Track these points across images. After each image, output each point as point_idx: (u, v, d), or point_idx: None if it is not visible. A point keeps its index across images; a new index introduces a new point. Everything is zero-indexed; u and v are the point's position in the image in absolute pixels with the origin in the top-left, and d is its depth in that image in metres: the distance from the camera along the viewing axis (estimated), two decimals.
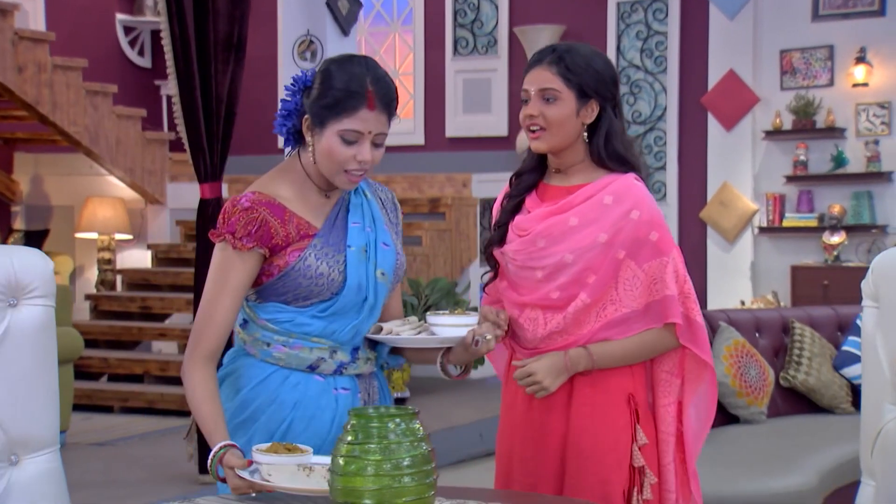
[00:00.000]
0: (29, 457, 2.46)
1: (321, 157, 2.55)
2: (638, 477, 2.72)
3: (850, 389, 5.62)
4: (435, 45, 9.53)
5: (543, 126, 2.73)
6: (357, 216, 2.65)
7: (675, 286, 2.70)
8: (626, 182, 2.74)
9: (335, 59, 2.62)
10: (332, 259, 2.58)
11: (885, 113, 8.06)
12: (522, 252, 2.76)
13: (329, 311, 2.58)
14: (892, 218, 8.03)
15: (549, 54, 2.76)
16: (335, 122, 2.51)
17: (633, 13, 8.82)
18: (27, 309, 2.46)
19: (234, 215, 2.55)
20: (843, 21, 8.16)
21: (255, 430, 2.59)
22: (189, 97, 5.22)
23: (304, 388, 2.60)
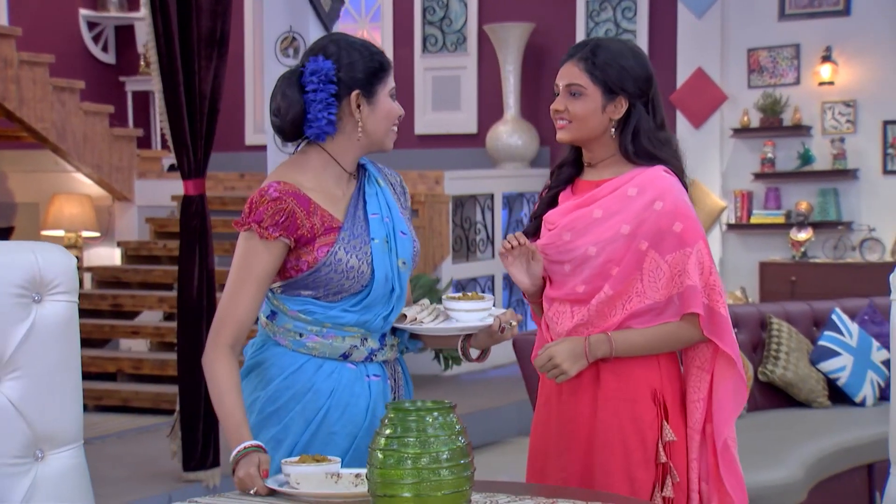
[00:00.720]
0: (54, 452, 2.47)
1: (381, 121, 2.64)
2: (662, 474, 2.74)
3: (827, 384, 5.71)
4: (404, 42, 9.55)
5: (569, 119, 2.77)
6: (374, 206, 2.69)
7: (697, 277, 2.70)
8: (652, 174, 2.76)
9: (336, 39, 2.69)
10: (359, 251, 2.61)
11: (851, 111, 8.18)
12: (551, 246, 2.79)
13: (362, 304, 2.62)
14: (857, 214, 8.16)
15: (581, 50, 2.79)
16: (383, 85, 2.65)
17: (602, 11, 8.89)
18: (51, 305, 2.46)
19: (262, 205, 2.57)
20: (809, 20, 8.28)
21: (291, 420, 2.62)
22: (173, 93, 5.19)
23: (339, 377, 2.63)
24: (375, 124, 2.64)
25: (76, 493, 2.48)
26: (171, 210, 9.00)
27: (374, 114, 2.64)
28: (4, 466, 2.39)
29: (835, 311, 5.88)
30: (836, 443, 5.08)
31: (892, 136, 8.10)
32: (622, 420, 2.75)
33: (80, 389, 2.51)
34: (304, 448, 2.60)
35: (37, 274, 2.44)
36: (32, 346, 2.42)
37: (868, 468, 5.28)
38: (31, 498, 2.41)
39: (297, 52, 5.51)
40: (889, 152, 8.10)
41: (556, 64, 9.62)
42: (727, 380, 2.79)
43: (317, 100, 2.60)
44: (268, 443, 2.61)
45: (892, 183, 8.08)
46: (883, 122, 8.10)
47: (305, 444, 2.61)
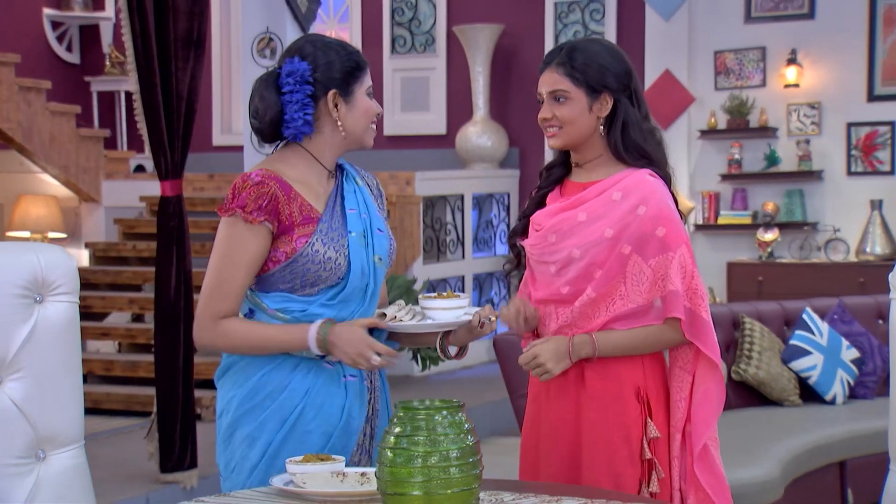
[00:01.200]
0: (55, 452, 2.48)
1: (358, 120, 2.69)
2: (647, 471, 2.78)
3: (798, 382, 5.79)
4: (372, 43, 9.55)
5: (558, 125, 2.81)
6: (352, 202, 2.73)
7: (679, 281, 2.75)
8: (637, 177, 2.79)
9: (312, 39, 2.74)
10: (337, 244, 2.64)
11: (816, 113, 8.28)
12: (537, 247, 2.84)
13: (338, 297, 2.65)
14: (822, 215, 8.26)
15: (557, 55, 2.83)
16: (359, 83, 2.70)
17: (571, 13, 8.95)
18: (53, 305, 2.48)
19: (245, 190, 2.60)
20: (775, 23, 8.37)
21: (266, 418, 2.63)
22: (150, 94, 5.18)
23: (315, 376, 2.65)
24: (354, 123, 2.70)
25: (78, 493, 2.49)
26: (139, 211, 8.96)
27: (352, 112, 2.69)
28: (8, 467, 2.40)
29: (805, 311, 5.96)
30: (809, 441, 5.16)
31: (855, 138, 8.20)
32: (607, 418, 2.79)
33: (80, 390, 2.52)
34: (278, 446, 2.62)
35: (39, 275, 2.45)
36: (35, 347, 2.44)
37: (840, 465, 5.36)
38: (34, 498, 2.42)
39: (275, 52, 5.52)
40: (853, 154, 8.21)
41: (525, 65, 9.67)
42: (708, 382, 2.83)
43: (293, 101, 2.65)
44: (243, 440, 2.64)
45: (856, 184, 8.19)
46: (847, 123, 8.20)
47: (280, 442, 2.63)
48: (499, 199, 8.94)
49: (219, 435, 2.70)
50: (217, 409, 2.71)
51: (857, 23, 8.15)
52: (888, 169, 8.10)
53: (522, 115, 9.08)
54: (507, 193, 8.96)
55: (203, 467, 5.41)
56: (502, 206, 8.97)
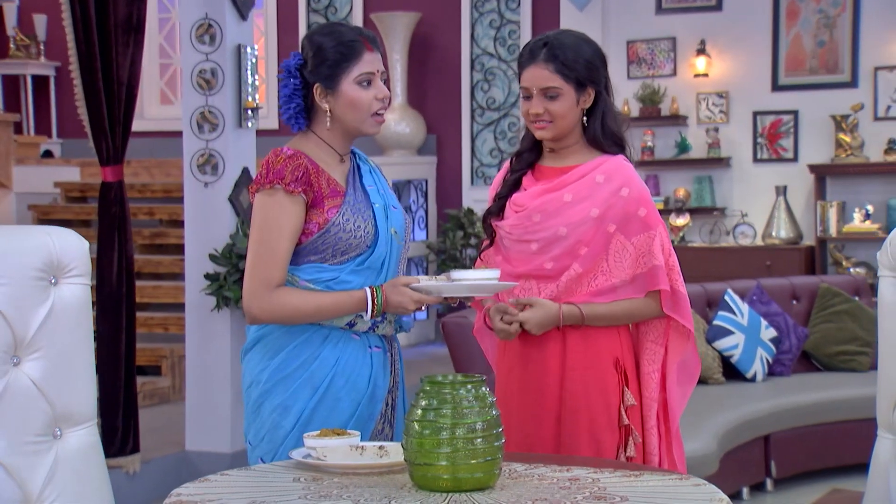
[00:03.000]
0: (71, 430, 2.52)
1: (346, 111, 2.77)
2: (624, 436, 2.96)
3: (721, 361, 6.04)
4: (288, 30, 9.56)
5: (550, 119, 2.94)
6: (370, 180, 2.88)
7: (661, 257, 2.93)
8: (616, 162, 2.98)
9: (313, 31, 2.85)
10: (364, 214, 2.78)
11: (724, 102, 8.56)
12: (519, 226, 2.98)
13: (366, 263, 2.77)
14: (730, 201, 8.55)
15: (542, 50, 2.95)
16: (346, 74, 2.76)
17: (487, 2, 9.08)
18: (67, 287, 2.52)
19: (280, 163, 2.71)
20: (685, 14, 8.63)
21: (299, 387, 2.74)
22: (90, 80, 5.16)
23: (344, 346, 2.77)
24: (342, 114, 2.79)
25: (93, 470, 2.54)
26: (53, 197, 8.84)
27: (339, 104, 2.78)
28: (28, 444, 2.44)
29: (727, 293, 6.21)
30: (736, 417, 5.39)
31: (761, 126, 8.51)
32: (588, 387, 2.95)
33: (93, 369, 2.57)
34: (311, 413, 2.73)
35: (54, 257, 2.49)
36: (51, 328, 2.48)
37: (765, 439, 5.62)
38: (54, 475, 2.47)
39: (213, 38, 5.53)
40: (759, 142, 8.51)
41: (442, 53, 9.77)
42: (684, 353, 3.03)
43: (281, 94, 2.82)
44: (274, 410, 2.74)
45: (762, 171, 8.50)
46: (753, 112, 8.50)
47: (312, 409, 2.74)
48: (417, 186, 9.05)
49: (247, 406, 2.78)
50: (245, 382, 2.79)
51: (762, 15, 8.44)
52: (792, 156, 8.42)
53: (440, 102, 9.20)
54: (425, 180, 9.08)
55: (145, 452, 5.43)
56: (420, 193, 9.08)
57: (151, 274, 7.82)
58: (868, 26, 8.16)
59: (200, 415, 5.66)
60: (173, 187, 8.39)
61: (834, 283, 6.69)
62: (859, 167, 8.04)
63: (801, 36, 8.39)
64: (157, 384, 6.82)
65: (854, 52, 8.19)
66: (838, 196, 8.20)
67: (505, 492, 2.22)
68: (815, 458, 5.82)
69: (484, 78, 9.09)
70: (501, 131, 9.07)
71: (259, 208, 2.74)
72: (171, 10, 10.22)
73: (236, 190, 5.60)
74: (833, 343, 6.39)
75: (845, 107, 8.11)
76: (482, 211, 8.38)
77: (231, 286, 5.46)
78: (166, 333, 7.26)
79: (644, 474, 2.36)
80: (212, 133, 5.56)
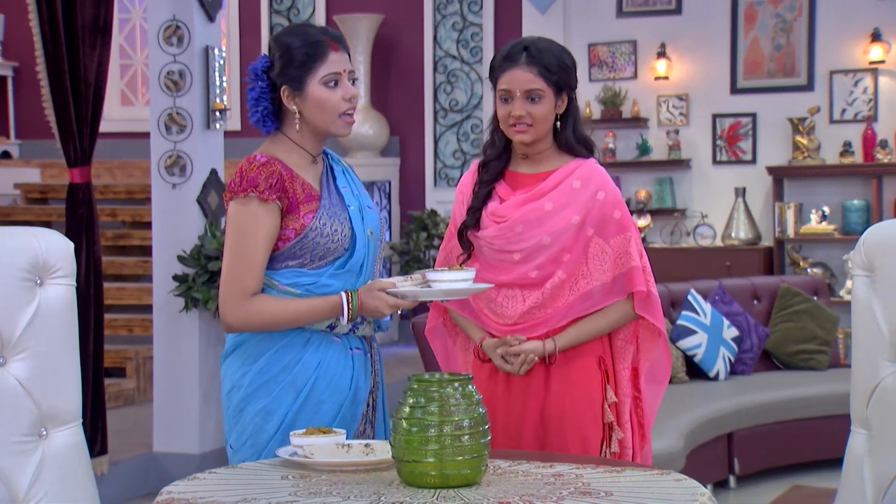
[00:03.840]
0: (57, 430, 2.54)
1: (314, 113, 2.78)
2: (607, 431, 3.01)
3: (685, 360, 6.12)
4: (250, 31, 9.56)
5: (531, 123, 2.97)
6: (343, 182, 2.88)
7: (638, 259, 2.99)
8: (590, 166, 3.02)
9: (279, 33, 2.86)
10: (340, 217, 2.79)
11: (684, 104, 8.66)
12: (500, 237, 3.00)
13: (346, 266, 2.78)
14: (690, 202, 8.65)
15: (522, 54, 2.99)
16: (312, 75, 2.76)
17: (449, 4, 9.13)
18: (53, 288, 2.54)
19: (254, 171, 2.72)
20: (645, 18, 8.71)
21: (282, 390, 2.75)
22: (58, 81, 5.15)
23: (326, 349, 2.79)
24: (311, 115, 2.80)
25: (78, 469, 2.56)
26: (13, 198, 8.79)
27: (306, 106, 2.79)
28: (14, 444, 2.45)
29: (690, 293, 6.30)
30: (700, 415, 5.47)
31: (720, 128, 8.61)
32: (573, 386, 3.00)
33: (78, 369, 2.58)
34: (294, 416, 2.74)
35: (40, 258, 2.51)
36: (37, 328, 2.50)
37: (728, 437, 5.70)
38: (40, 475, 2.48)
39: (181, 40, 5.53)
40: (718, 144, 8.61)
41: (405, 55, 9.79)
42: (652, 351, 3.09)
43: (250, 97, 2.82)
44: (257, 414, 2.75)
45: (721, 172, 8.60)
46: (712, 115, 8.60)
47: (295, 413, 2.75)
48: (380, 187, 9.08)
49: (228, 410, 2.79)
50: (225, 387, 2.80)
51: (720, 19, 8.55)
52: (750, 158, 8.53)
53: (403, 104, 9.23)
54: (388, 181, 9.11)
55: (112, 454, 5.43)
56: (384, 194, 9.10)
57: (115, 276, 7.80)
58: (823, 31, 8.29)
59: (168, 416, 5.66)
60: (136, 188, 8.37)
61: (794, 283, 6.80)
62: (816, 169, 8.16)
63: (758, 39, 8.50)
64: (123, 386, 6.81)
65: (810, 56, 8.32)
66: (795, 197, 8.32)
67: (492, 487, 2.26)
68: (777, 455, 5.92)
69: (447, 80, 9.14)
70: (464, 133, 9.12)
71: (233, 217, 2.74)
72: (131, 10, 10.18)
73: (204, 191, 5.61)
74: (793, 342, 6.49)
75: (802, 110, 8.23)
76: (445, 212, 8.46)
77: (199, 287, 5.46)
78: (131, 335, 7.24)
79: (626, 470, 2.42)
80: (180, 134, 5.56)
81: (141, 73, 10.10)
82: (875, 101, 8.12)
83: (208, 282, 5.46)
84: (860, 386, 2.45)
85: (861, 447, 2.46)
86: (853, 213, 8.03)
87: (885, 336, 2.40)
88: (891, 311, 2.38)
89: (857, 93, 8.19)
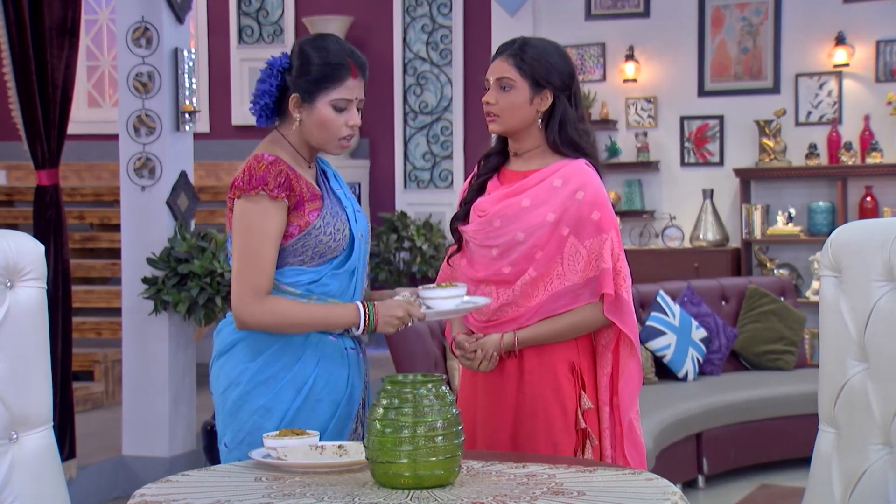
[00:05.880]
0: (28, 433, 2.53)
1: (314, 129, 2.80)
2: (581, 439, 3.00)
3: (654, 361, 6.16)
4: (218, 32, 9.53)
5: (498, 112, 2.99)
6: (336, 185, 2.91)
7: (610, 262, 2.99)
8: (575, 166, 3.00)
9: (307, 40, 2.87)
10: (339, 218, 2.81)
11: (652, 107, 8.71)
12: (480, 232, 3.02)
13: (344, 266, 2.80)
14: (658, 203, 8.70)
15: (510, 47, 3.02)
16: (325, 94, 2.79)
17: (419, 7, 9.14)
18: (23, 290, 2.53)
19: (262, 169, 2.72)
20: (613, 21, 8.75)
21: (281, 388, 2.75)
22: (25, 83, 5.12)
23: (323, 347, 2.80)
24: (310, 129, 2.81)
25: (49, 472, 2.55)
26: None
27: (310, 119, 2.80)
28: None
29: (659, 294, 6.33)
30: (669, 415, 5.51)
31: (688, 130, 8.66)
32: (545, 390, 3.00)
33: (49, 372, 2.57)
34: (294, 415, 2.75)
35: (10, 261, 2.50)
36: (8, 331, 2.49)
37: (697, 437, 5.74)
38: (10, 478, 2.47)
39: (150, 42, 5.51)
40: (686, 146, 8.66)
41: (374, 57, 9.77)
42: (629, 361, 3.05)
43: (259, 88, 2.83)
44: (255, 412, 2.75)
45: (689, 174, 8.65)
46: (680, 117, 8.65)
47: (296, 410, 2.76)
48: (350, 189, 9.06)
49: (223, 409, 2.78)
50: (221, 385, 2.79)
51: (688, 22, 8.60)
52: (718, 160, 8.58)
53: (372, 106, 9.19)
54: (357, 183, 9.10)
55: (81, 458, 5.40)
56: None
57: (83, 278, 7.75)
58: (789, 34, 8.35)
59: (138, 419, 5.64)
60: (104, 191, 8.32)
61: (761, 284, 6.85)
62: (782, 171, 8.22)
63: (725, 43, 8.56)
64: (91, 389, 6.77)
65: (776, 59, 8.39)
66: (762, 199, 8.38)
67: (465, 488, 2.27)
68: (745, 454, 5.97)
69: (416, 82, 9.15)
70: (434, 135, 9.13)
71: (242, 214, 2.74)
72: (98, 11, 10.12)
73: (174, 193, 5.59)
74: (761, 342, 6.55)
75: (769, 112, 8.30)
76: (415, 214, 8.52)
77: (169, 290, 5.44)
78: (99, 338, 7.20)
79: (598, 469, 2.43)
80: (149, 136, 5.55)
81: (108, 74, 10.04)
82: (839, 103, 8.20)
83: (178, 284, 5.44)
84: (828, 385, 2.47)
85: (829, 446, 2.49)
86: (819, 214, 8.10)
87: (852, 335, 2.42)
88: (858, 311, 2.41)
89: (822, 95, 8.26)
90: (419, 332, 4.76)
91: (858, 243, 2.41)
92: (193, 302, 5.41)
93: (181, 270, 5.42)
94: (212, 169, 8.67)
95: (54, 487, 2.55)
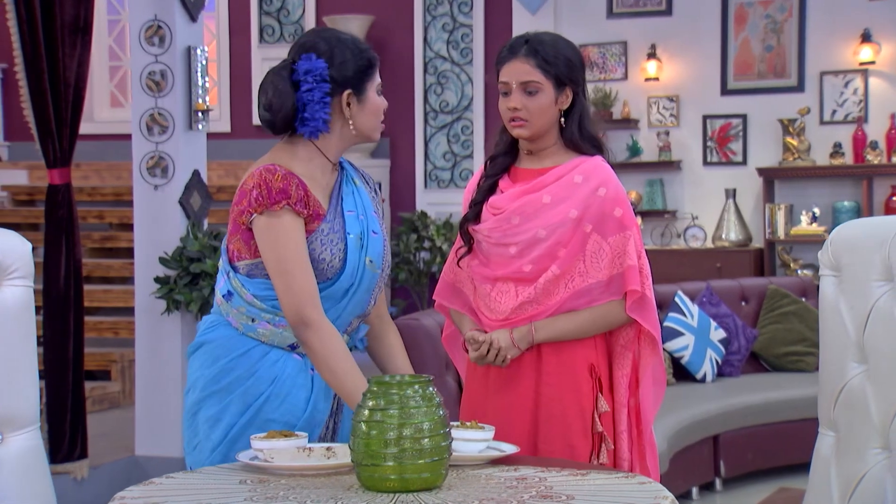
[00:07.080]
0: (13, 434, 2.50)
1: (370, 117, 2.75)
2: (597, 442, 2.93)
3: (672, 362, 6.08)
4: (239, 31, 9.53)
5: (526, 118, 2.90)
6: (350, 204, 2.75)
7: (635, 258, 2.91)
8: (594, 163, 2.94)
9: (319, 39, 2.74)
10: (335, 246, 2.69)
11: (674, 106, 8.63)
12: (497, 230, 2.94)
13: (324, 293, 2.68)
14: (681, 204, 8.62)
15: (523, 46, 2.92)
16: (371, 81, 2.74)
17: (440, 6, 9.10)
18: (10, 289, 2.50)
19: (280, 182, 2.61)
20: (635, 19, 8.68)
21: (231, 402, 2.67)
22: (37, 81, 5.12)
23: (283, 366, 2.69)
24: (364, 121, 2.74)
25: (36, 473, 2.52)
26: (1, 200, 8.75)
27: (363, 111, 2.73)
28: None
29: (678, 294, 6.26)
30: (686, 417, 5.44)
31: (710, 129, 8.58)
32: (563, 392, 2.93)
33: (36, 372, 2.54)
34: (240, 430, 2.65)
35: None
36: None
37: (714, 439, 5.67)
38: None
39: (163, 40, 5.50)
40: (709, 145, 8.58)
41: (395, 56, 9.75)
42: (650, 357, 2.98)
43: (314, 100, 2.66)
44: (206, 420, 2.68)
45: (712, 174, 8.57)
46: (703, 116, 8.57)
47: (242, 426, 2.66)
48: None
49: (185, 410, 2.74)
50: (187, 385, 2.75)
51: (710, 20, 8.52)
52: (741, 159, 8.50)
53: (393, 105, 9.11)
54: (378, 183, 9.02)
55: (93, 458, 5.39)
56: None
57: (101, 278, 7.76)
58: (813, 32, 8.26)
59: (150, 419, 5.63)
60: (123, 190, 8.33)
61: (782, 284, 6.76)
62: (806, 170, 8.12)
63: (749, 41, 8.47)
64: (107, 389, 6.77)
65: (801, 57, 8.29)
66: (786, 199, 8.28)
67: (452, 492, 2.22)
68: (764, 457, 5.88)
69: (437, 81, 9.11)
70: (455, 134, 9.09)
71: (267, 230, 2.62)
72: (120, 11, 10.14)
73: (187, 192, 5.57)
74: (781, 344, 6.45)
75: (792, 111, 8.20)
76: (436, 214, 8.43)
77: (182, 289, 5.42)
78: (116, 338, 7.20)
79: (590, 473, 2.37)
80: (162, 135, 5.53)
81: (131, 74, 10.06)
82: (865, 102, 8.09)
83: (190, 284, 5.42)
84: (827, 387, 2.41)
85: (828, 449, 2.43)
86: (843, 214, 7.99)
87: (851, 337, 2.36)
88: (857, 312, 2.34)
89: (848, 94, 8.15)
90: (429, 333, 4.71)
91: (858, 242, 2.35)
92: (205, 301, 5.39)
93: (193, 270, 5.40)
94: (231, 168, 8.67)
95: (41, 489, 2.52)
